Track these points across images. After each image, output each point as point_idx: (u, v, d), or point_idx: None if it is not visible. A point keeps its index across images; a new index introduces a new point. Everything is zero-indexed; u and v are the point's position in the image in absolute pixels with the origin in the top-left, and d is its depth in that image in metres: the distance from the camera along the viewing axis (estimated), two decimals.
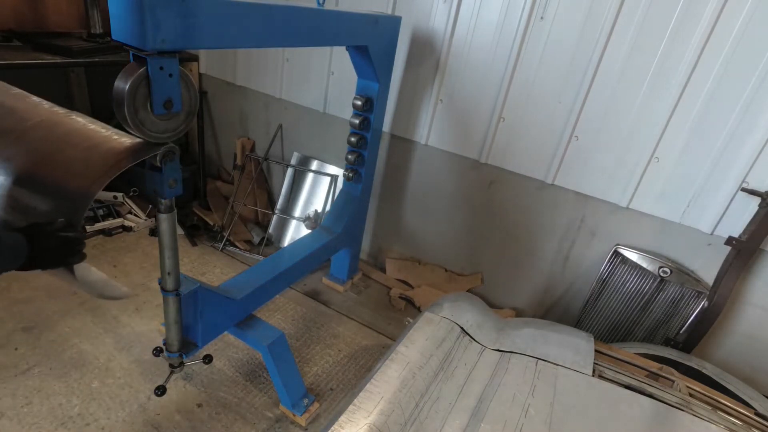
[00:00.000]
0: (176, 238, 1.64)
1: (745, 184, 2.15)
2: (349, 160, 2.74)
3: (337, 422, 1.23)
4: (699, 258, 2.38)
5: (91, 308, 2.64)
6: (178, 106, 1.37)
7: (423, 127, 2.90)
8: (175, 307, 1.74)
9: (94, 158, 1.19)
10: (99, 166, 1.17)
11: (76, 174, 1.16)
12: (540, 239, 2.78)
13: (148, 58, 1.25)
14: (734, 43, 2.01)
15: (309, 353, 2.61)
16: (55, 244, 1.10)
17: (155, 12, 1.20)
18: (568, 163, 2.53)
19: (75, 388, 2.17)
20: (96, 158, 1.19)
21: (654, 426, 1.38)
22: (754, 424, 1.51)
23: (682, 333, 2.37)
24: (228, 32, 1.48)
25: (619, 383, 1.53)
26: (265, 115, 3.60)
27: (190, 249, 3.35)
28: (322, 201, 3.38)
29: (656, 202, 2.38)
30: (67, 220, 1.13)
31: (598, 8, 2.22)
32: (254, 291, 2.17)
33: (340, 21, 2.04)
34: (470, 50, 2.60)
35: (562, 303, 2.86)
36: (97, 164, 1.18)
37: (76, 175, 1.16)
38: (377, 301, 3.15)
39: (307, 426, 2.19)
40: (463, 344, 1.62)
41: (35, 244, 1.08)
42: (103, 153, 1.21)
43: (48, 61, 2.59)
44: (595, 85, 2.33)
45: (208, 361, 2.13)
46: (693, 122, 2.18)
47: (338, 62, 3.05)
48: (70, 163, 1.19)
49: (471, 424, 1.30)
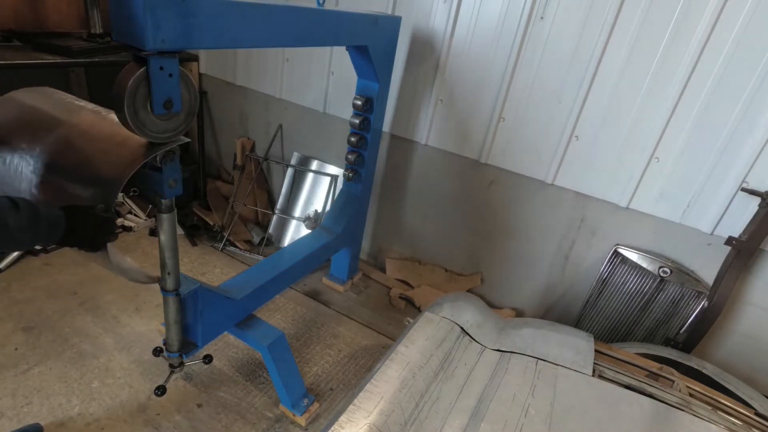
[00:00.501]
0: (176, 238, 1.64)
1: (745, 184, 2.15)
2: (349, 160, 2.74)
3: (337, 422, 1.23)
4: (699, 258, 2.38)
5: (91, 308, 2.64)
6: (178, 106, 1.37)
7: (423, 127, 2.90)
8: (175, 307, 1.75)
9: (124, 151, 1.37)
10: (129, 156, 1.35)
11: (110, 163, 1.35)
12: (540, 239, 2.78)
13: (148, 58, 1.25)
14: (734, 42, 2.01)
15: (309, 353, 2.61)
16: (94, 223, 1.28)
17: (155, 12, 1.20)
18: (568, 163, 2.53)
19: (75, 388, 2.17)
20: (126, 150, 1.37)
21: (654, 426, 1.38)
22: (754, 424, 1.51)
23: (682, 333, 2.37)
24: (228, 32, 1.48)
25: (619, 383, 1.53)
26: (265, 115, 3.60)
27: (190, 249, 3.35)
28: (322, 201, 3.38)
29: (656, 202, 2.38)
30: (105, 203, 1.31)
31: (598, 8, 2.22)
32: (254, 291, 2.17)
33: (340, 21, 2.04)
34: (470, 50, 2.60)
35: (562, 303, 2.86)
36: (127, 155, 1.35)
37: (110, 164, 1.35)
38: (377, 301, 3.15)
39: (307, 426, 2.19)
40: (463, 344, 1.62)
41: (76, 222, 1.24)
42: (131, 146, 1.38)
43: (48, 61, 2.59)
44: (595, 85, 2.33)
45: (208, 361, 2.13)
46: (693, 122, 2.18)
47: (338, 62, 3.05)
48: (101, 155, 1.38)
49: (471, 424, 1.30)
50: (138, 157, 1.35)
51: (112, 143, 1.40)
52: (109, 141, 1.41)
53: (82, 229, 1.26)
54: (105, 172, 1.35)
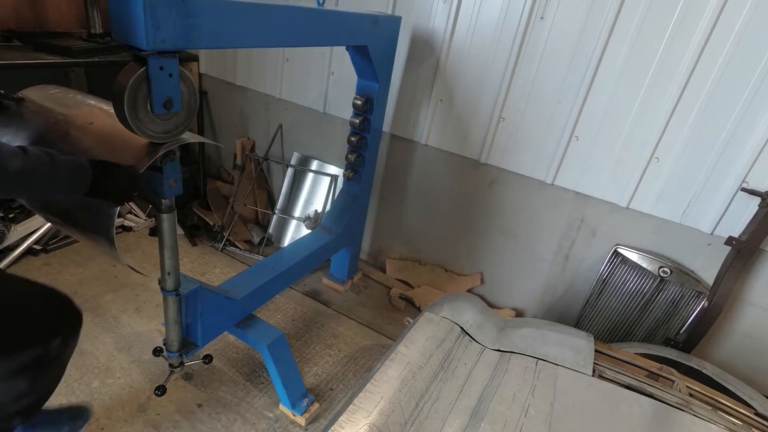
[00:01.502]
0: (176, 238, 1.64)
1: (745, 184, 2.15)
2: (349, 160, 2.74)
3: (337, 422, 1.23)
4: (699, 258, 2.38)
5: (91, 308, 2.64)
6: (178, 106, 1.37)
7: (423, 127, 2.90)
8: (175, 307, 1.75)
9: (136, 148, 1.41)
10: (142, 152, 1.40)
11: (123, 159, 1.38)
12: (540, 239, 2.78)
13: (148, 58, 1.25)
14: (734, 42, 2.01)
15: (309, 353, 2.61)
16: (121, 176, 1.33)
17: (155, 12, 1.20)
18: (568, 163, 2.53)
19: (75, 388, 2.17)
20: (138, 146, 1.41)
21: (654, 426, 1.38)
22: (754, 424, 1.51)
23: (682, 333, 2.37)
24: (228, 32, 1.48)
25: (619, 383, 1.53)
26: (265, 115, 3.60)
27: (190, 249, 3.35)
28: (322, 201, 3.38)
29: (656, 202, 2.38)
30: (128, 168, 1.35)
31: (598, 8, 2.22)
32: (254, 291, 2.17)
33: (340, 21, 2.04)
34: (470, 50, 2.60)
35: (562, 303, 2.86)
36: (140, 151, 1.40)
37: (123, 160, 1.38)
38: (377, 301, 3.15)
39: (307, 426, 2.19)
40: (463, 344, 1.62)
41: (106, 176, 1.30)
42: (143, 143, 1.42)
43: (48, 61, 2.59)
44: (595, 85, 2.33)
45: (208, 361, 2.13)
46: (693, 122, 2.18)
47: (338, 62, 3.05)
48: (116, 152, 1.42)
49: (471, 424, 1.30)
50: (148, 155, 1.39)
51: (124, 141, 1.44)
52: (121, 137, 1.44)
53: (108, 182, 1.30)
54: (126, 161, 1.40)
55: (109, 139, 1.46)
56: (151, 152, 1.39)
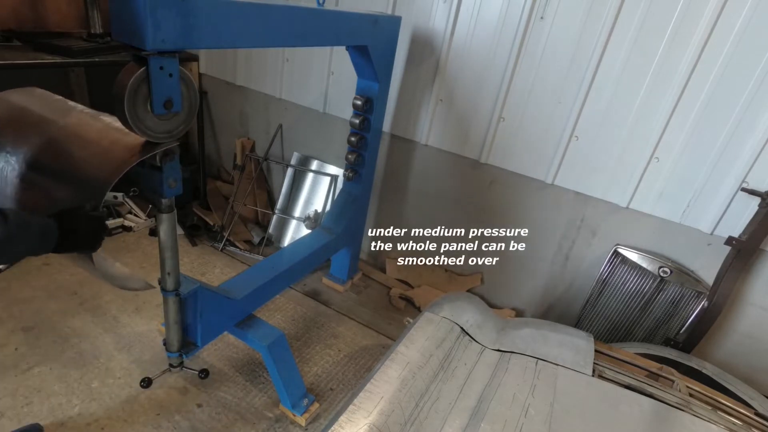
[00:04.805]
0: (176, 238, 1.64)
1: (745, 184, 2.15)
2: (349, 160, 2.74)
3: (337, 422, 1.23)
4: (699, 258, 2.38)
5: (91, 308, 2.64)
6: (178, 106, 1.37)
7: (423, 127, 2.90)
8: (175, 307, 1.75)
9: (115, 152, 1.35)
10: (119, 157, 1.33)
11: (95, 166, 1.33)
12: (540, 239, 2.78)
13: (148, 58, 1.25)
14: (734, 42, 2.01)
15: (309, 353, 2.61)
16: (85, 225, 1.25)
17: (155, 12, 1.20)
18: (568, 163, 2.53)
19: (75, 388, 2.17)
20: (117, 152, 1.35)
21: (654, 426, 1.38)
22: (754, 424, 1.51)
23: (682, 333, 2.37)
24: (228, 32, 1.48)
25: (619, 383, 1.53)
26: (265, 115, 3.60)
27: (190, 249, 3.35)
28: (322, 201, 3.38)
29: (656, 202, 2.38)
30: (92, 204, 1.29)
31: (598, 8, 2.22)
32: (254, 291, 2.17)
33: (340, 21, 2.04)
34: (470, 50, 2.60)
35: (562, 303, 2.85)
36: (118, 156, 1.33)
37: (95, 167, 1.33)
38: (377, 301, 3.15)
39: (307, 426, 2.19)
40: (463, 344, 1.61)
41: (65, 227, 1.21)
42: (123, 147, 1.36)
43: (48, 61, 2.59)
44: (595, 85, 2.33)
45: (205, 375, 2.00)
46: (693, 122, 2.18)
47: (338, 62, 3.05)
48: (90, 158, 1.36)
49: (471, 424, 1.30)
50: (129, 159, 1.32)
51: (103, 145, 1.38)
52: (100, 142, 1.39)
53: (74, 233, 1.23)
54: (93, 174, 1.33)
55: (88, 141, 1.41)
56: (144, 150, 1.35)
